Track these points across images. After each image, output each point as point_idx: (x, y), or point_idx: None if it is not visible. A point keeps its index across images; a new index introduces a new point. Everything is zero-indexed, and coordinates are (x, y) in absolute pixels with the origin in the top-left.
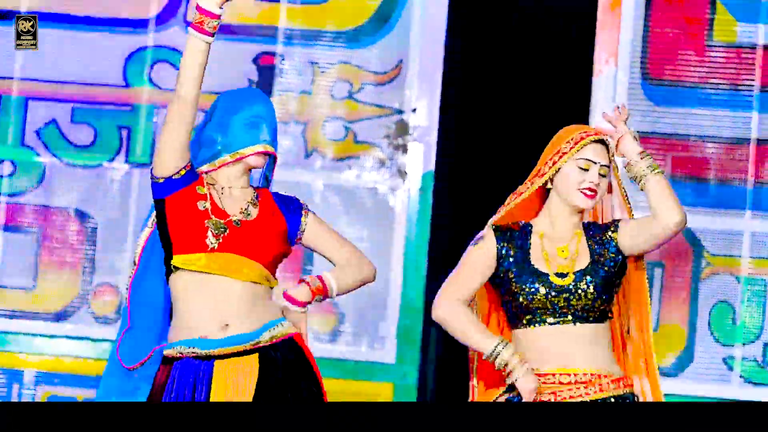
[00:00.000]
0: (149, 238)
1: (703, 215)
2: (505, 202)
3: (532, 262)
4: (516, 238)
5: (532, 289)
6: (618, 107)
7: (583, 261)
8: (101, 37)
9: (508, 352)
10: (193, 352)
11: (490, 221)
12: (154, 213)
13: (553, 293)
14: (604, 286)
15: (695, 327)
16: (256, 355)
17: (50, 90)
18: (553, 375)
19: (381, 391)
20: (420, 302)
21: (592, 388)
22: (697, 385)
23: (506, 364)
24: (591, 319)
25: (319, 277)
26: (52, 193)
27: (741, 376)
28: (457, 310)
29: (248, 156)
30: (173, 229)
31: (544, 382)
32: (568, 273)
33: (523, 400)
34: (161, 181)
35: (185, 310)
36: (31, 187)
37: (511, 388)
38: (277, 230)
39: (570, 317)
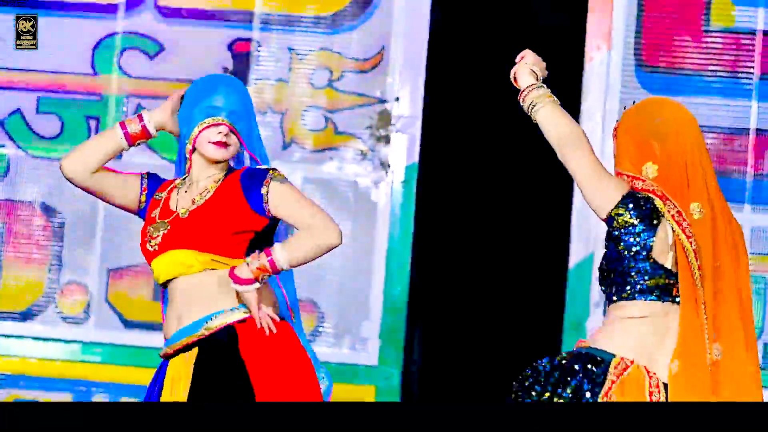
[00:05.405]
0: None
1: None
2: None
3: None
4: None
5: None
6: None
7: None
8: (69, 23)
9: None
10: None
11: None
12: None
13: None
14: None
15: None
16: (197, 349)
17: (15, 78)
18: None
19: (363, 394)
20: (404, 301)
21: None
22: None
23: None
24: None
25: (267, 251)
26: (17, 187)
27: None
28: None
29: (198, 135)
30: None
31: None
32: None
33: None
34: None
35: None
36: None
37: None
38: (229, 209)
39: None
